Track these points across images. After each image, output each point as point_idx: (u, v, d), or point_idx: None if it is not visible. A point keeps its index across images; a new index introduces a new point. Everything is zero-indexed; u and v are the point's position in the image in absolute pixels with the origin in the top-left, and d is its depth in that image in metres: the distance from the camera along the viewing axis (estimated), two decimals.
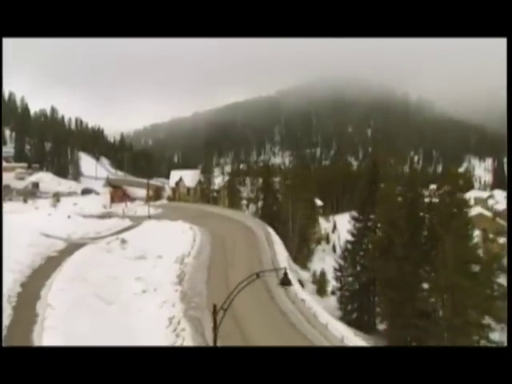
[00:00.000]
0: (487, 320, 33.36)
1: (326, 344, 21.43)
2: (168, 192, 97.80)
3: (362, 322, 38.85)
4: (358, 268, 39.71)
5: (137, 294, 26.70)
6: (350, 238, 40.39)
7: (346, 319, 39.79)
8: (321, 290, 44.15)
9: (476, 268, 33.77)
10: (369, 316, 39.73)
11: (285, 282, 12.74)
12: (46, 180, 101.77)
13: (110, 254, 32.52)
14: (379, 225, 35.56)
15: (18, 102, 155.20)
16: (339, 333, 21.26)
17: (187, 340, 21.46)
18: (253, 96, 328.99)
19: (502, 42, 7.75)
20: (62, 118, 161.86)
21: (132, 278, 28.90)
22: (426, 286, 28.45)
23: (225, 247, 41.86)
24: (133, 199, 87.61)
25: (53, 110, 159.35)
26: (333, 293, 44.07)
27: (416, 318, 28.09)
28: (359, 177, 79.51)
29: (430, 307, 27.75)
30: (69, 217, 42.73)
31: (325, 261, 57.17)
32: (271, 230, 47.81)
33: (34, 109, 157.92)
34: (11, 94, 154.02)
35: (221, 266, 35.70)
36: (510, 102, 8.07)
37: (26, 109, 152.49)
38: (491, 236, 41.87)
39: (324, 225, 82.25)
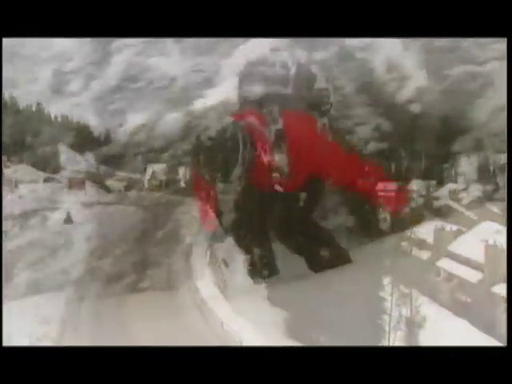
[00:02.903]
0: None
1: (192, 303, 22.73)
2: (145, 184, 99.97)
3: None
4: None
5: None
6: None
7: None
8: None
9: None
10: None
11: (67, 221, 14.00)
12: (22, 172, 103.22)
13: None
14: None
15: (7, 98, 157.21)
16: (204, 295, 22.57)
17: None
18: None
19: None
20: (49, 112, 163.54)
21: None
22: None
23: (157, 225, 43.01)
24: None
25: (38, 104, 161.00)
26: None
27: None
28: None
29: None
30: None
31: None
32: None
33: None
34: None
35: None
36: (509, 101, 8.23)
37: (14, 104, 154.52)
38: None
39: None
